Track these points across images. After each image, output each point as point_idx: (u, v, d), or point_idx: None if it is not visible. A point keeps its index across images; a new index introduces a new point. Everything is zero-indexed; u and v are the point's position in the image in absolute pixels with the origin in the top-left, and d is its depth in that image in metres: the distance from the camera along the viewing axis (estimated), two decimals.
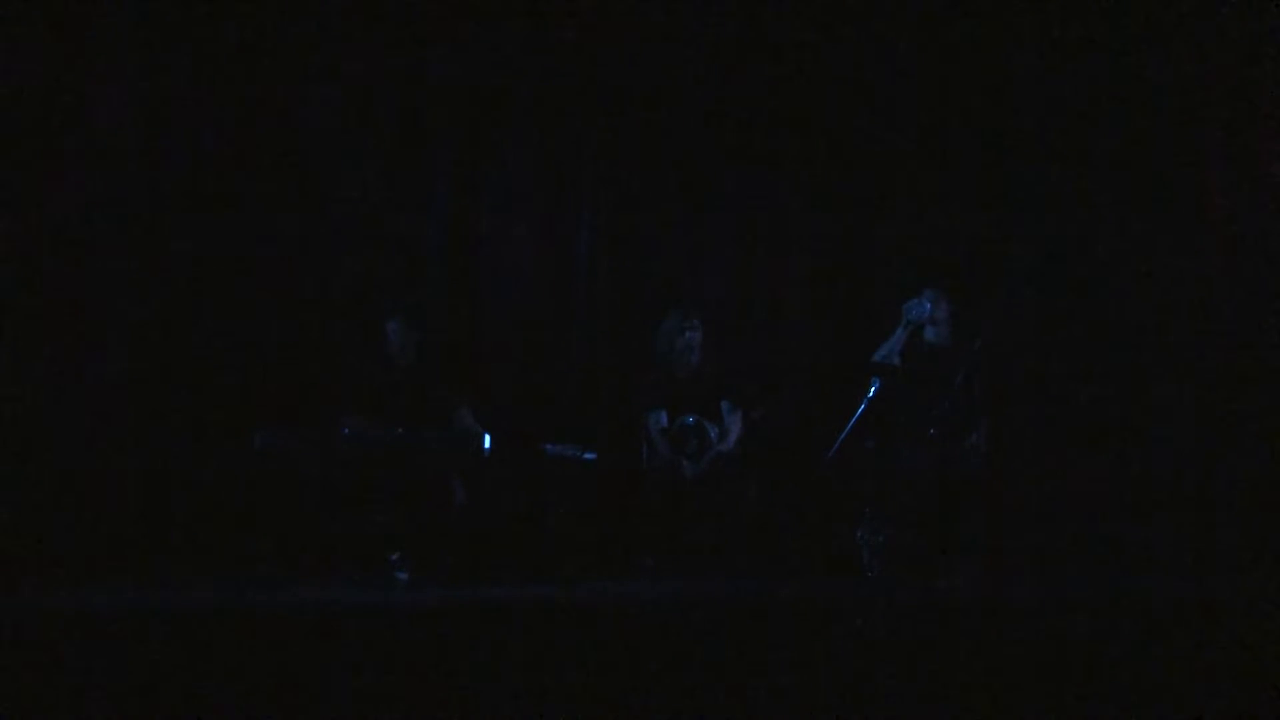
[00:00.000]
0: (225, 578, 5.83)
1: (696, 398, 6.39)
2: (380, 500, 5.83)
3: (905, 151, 7.10)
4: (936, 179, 7.08)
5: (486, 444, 5.91)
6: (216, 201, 6.54)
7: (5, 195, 6.28)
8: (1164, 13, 6.92)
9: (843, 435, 6.11)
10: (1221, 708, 4.44)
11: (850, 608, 5.06)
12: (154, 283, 6.46)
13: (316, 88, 6.69)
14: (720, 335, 6.63)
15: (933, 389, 6.21)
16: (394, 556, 5.80)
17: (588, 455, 6.30)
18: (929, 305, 6.28)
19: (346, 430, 5.79)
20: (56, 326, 6.30)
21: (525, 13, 6.83)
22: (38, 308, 6.28)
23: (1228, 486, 6.77)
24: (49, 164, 6.35)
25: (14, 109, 6.29)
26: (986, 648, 4.72)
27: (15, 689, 4.22)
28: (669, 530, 6.21)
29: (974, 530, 6.16)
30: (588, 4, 6.87)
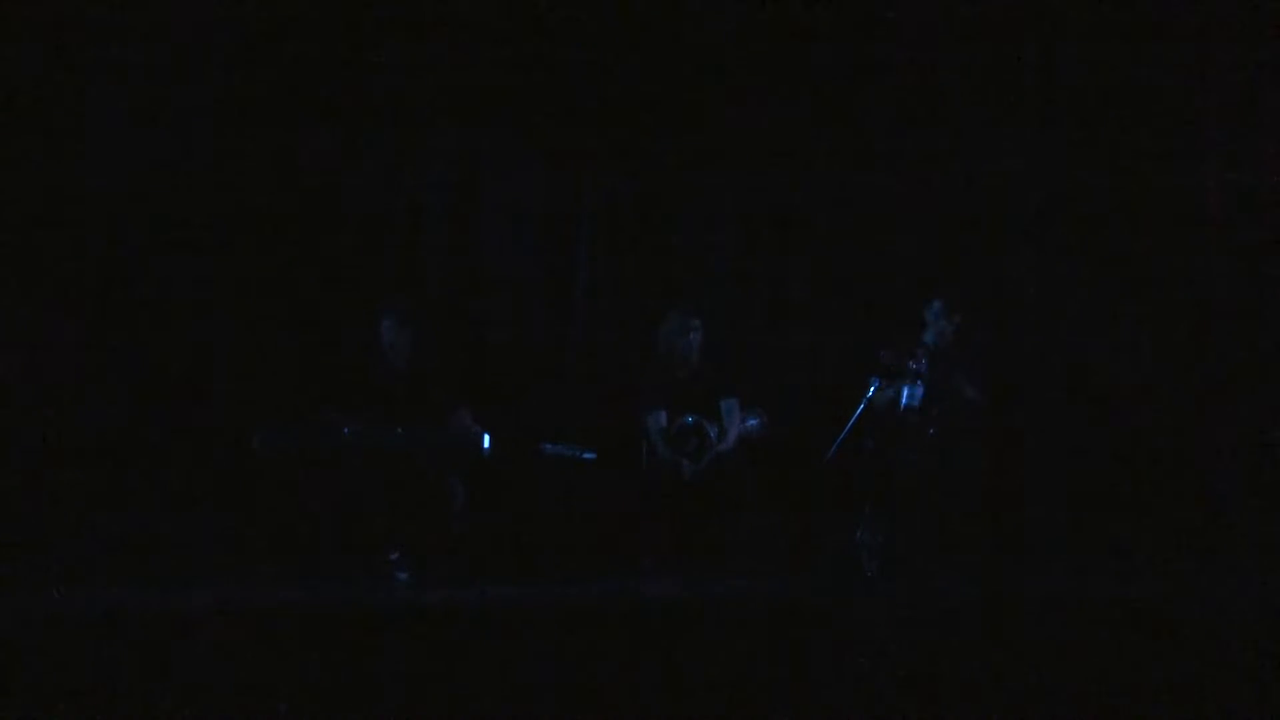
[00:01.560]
0: (224, 578, 5.83)
1: (696, 398, 6.39)
2: (380, 500, 5.84)
3: (906, 151, 7.10)
4: (938, 178, 7.08)
5: (486, 444, 5.92)
6: (216, 201, 6.54)
7: (4, 192, 6.28)
8: (1164, 14, 6.93)
9: (842, 435, 6.12)
10: (1220, 708, 4.44)
11: (850, 608, 5.07)
12: (154, 282, 6.46)
13: (317, 87, 6.68)
14: (720, 335, 6.63)
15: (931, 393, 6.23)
16: (394, 556, 5.80)
17: (587, 455, 6.31)
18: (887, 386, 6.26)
19: (346, 430, 5.79)
20: (56, 326, 6.29)
21: (526, 12, 6.83)
22: (37, 306, 6.28)
23: (1228, 486, 6.77)
24: (47, 162, 6.35)
25: (14, 104, 6.30)
26: (986, 647, 4.73)
27: (15, 689, 4.22)
28: (669, 530, 6.21)
29: (971, 528, 6.17)
30: (589, 4, 6.87)
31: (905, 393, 6.22)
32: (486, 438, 5.92)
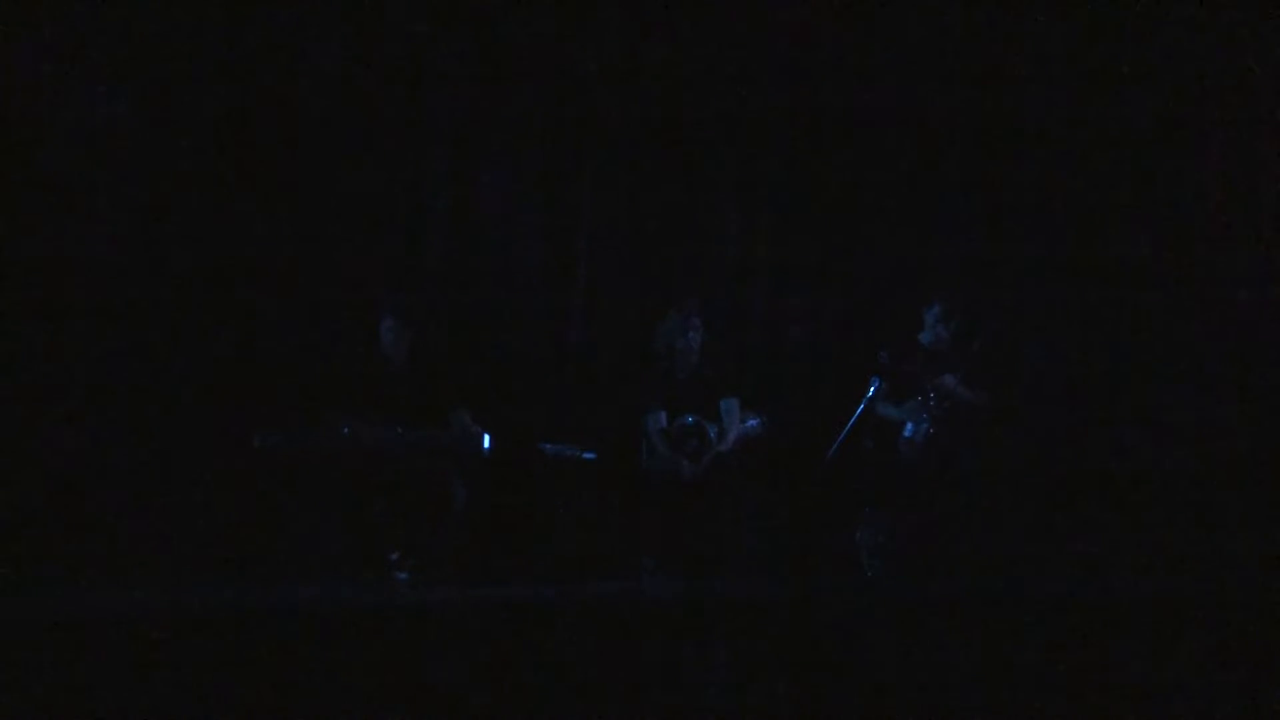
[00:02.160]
0: (225, 578, 5.83)
1: (696, 398, 6.39)
2: (380, 500, 5.84)
3: (907, 151, 7.10)
4: (937, 179, 7.09)
5: (486, 444, 5.91)
6: (216, 201, 6.54)
7: (3, 192, 6.29)
8: (1163, 14, 6.94)
9: (842, 435, 6.12)
10: (1220, 707, 4.44)
11: (850, 608, 5.07)
12: (153, 282, 6.46)
13: (316, 87, 6.68)
14: (720, 335, 6.63)
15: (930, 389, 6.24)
16: (394, 556, 5.80)
17: (587, 455, 6.31)
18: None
19: (346, 430, 5.79)
20: (56, 326, 6.29)
21: (525, 10, 6.84)
22: (37, 306, 6.28)
23: (1227, 486, 6.78)
24: (46, 162, 6.36)
25: (12, 105, 6.31)
26: (984, 647, 4.73)
27: (15, 689, 4.22)
28: (669, 530, 6.20)
29: (971, 529, 6.17)
30: (588, 2, 6.88)
31: (909, 428, 6.24)
32: (486, 438, 5.92)
